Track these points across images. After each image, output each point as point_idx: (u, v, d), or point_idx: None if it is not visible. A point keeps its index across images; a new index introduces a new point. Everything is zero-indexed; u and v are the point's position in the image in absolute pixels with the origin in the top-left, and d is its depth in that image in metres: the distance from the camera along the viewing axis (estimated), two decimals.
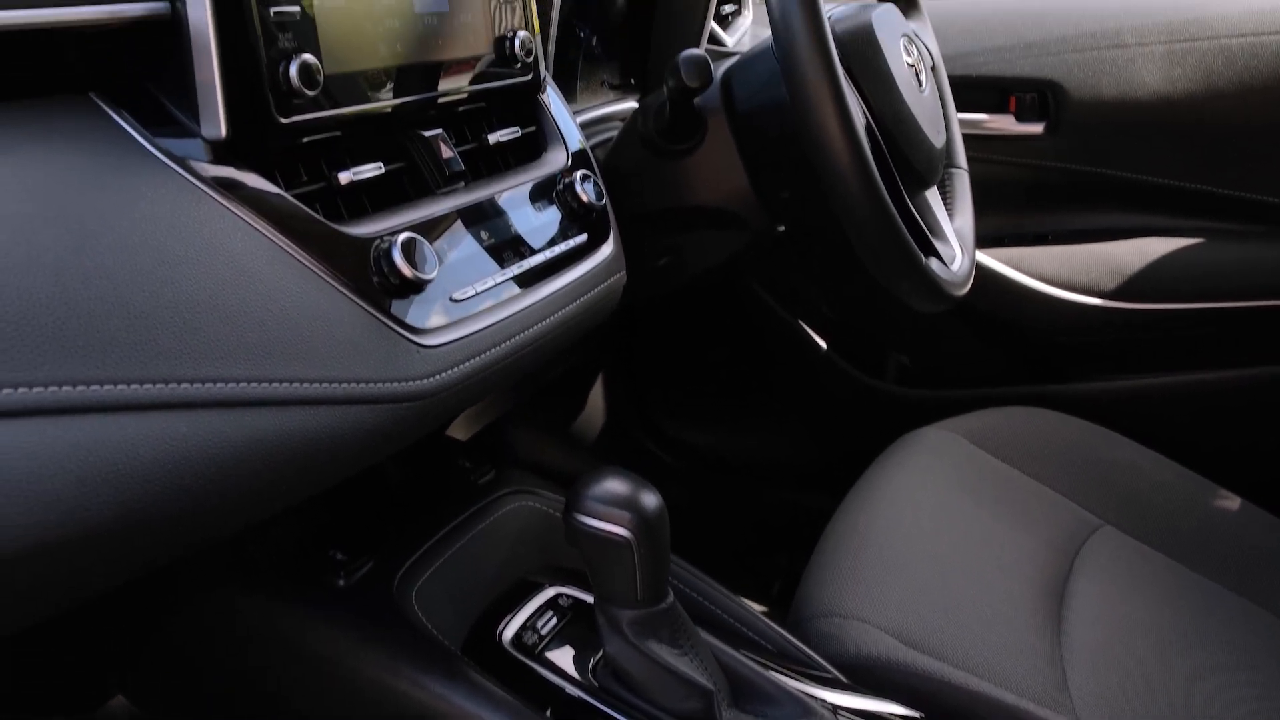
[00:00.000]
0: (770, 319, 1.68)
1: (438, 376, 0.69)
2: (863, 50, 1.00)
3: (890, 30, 1.05)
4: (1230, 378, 1.51)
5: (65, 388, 0.49)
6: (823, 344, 1.67)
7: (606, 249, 0.91)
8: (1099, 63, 1.49)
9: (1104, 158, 1.53)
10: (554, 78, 1.01)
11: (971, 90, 1.53)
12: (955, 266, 1.07)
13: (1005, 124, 1.56)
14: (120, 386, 0.51)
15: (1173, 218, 1.55)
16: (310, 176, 0.69)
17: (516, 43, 0.85)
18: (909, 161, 1.03)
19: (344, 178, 0.70)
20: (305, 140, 0.67)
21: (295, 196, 0.65)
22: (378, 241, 0.68)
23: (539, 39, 0.90)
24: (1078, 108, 1.51)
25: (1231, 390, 1.51)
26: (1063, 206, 1.60)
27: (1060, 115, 1.52)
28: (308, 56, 0.64)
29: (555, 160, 0.91)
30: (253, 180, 0.63)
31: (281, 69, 0.64)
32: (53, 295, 0.50)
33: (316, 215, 0.66)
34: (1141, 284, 1.53)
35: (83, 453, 0.49)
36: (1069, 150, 1.54)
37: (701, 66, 0.99)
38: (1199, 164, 1.51)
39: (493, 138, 0.86)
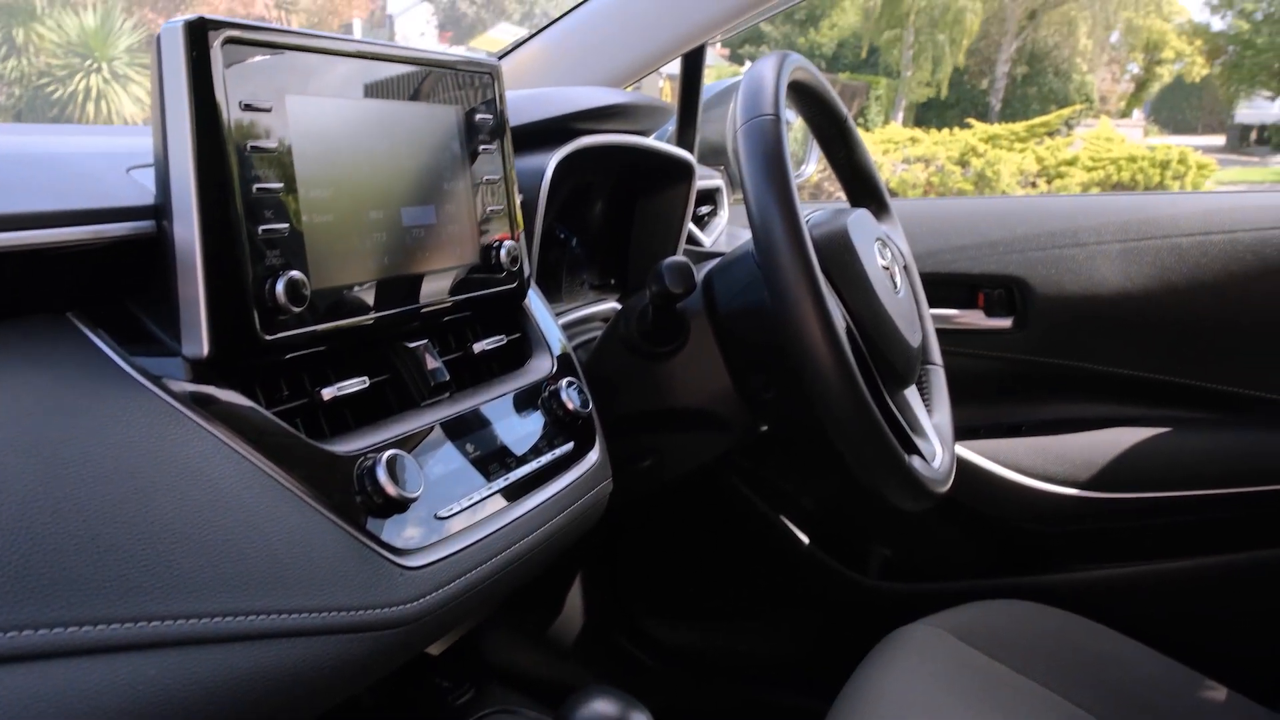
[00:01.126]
0: (752, 515, 1.65)
1: (422, 600, 0.65)
2: (840, 255, 1.02)
3: (865, 234, 1.07)
4: (1209, 565, 1.51)
5: (26, 632, 0.45)
6: (805, 539, 1.65)
7: (592, 456, 0.89)
8: (1060, 260, 1.54)
9: (1071, 350, 1.57)
10: (536, 280, 1.02)
11: (942, 287, 1.57)
12: (936, 463, 1.06)
13: (975, 319, 1.59)
14: (85, 629, 0.48)
15: (1141, 407, 1.57)
16: (292, 392, 0.68)
17: (503, 251, 0.86)
18: (888, 361, 1.03)
19: (327, 393, 0.68)
20: (289, 356, 0.66)
21: (276, 414, 0.63)
22: (361, 459, 0.65)
23: (524, 246, 0.91)
24: (1043, 303, 1.55)
25: (1211, 577, 1.50)
26: (1035, 398, 1.62)
27: (1027, 310, 1.56)
28: (295, 273, 0.64)
29: (540, 367, 0.90)
30: (232, 398, 0.61)
31: (268, 286, 0.63)
32: (17, 531, 0.47)
33: (298, 433, 0.63)
34: (1116, 473, 1.53)
35: (41, 704, 0.45)
36: (1037, 343, 1.57)
37: (685, 273, 1.00)
38: (1161, 355, 1.55)
39: (478, 347, 0.85)
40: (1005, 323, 1.58)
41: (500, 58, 1.58)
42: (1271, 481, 1.49)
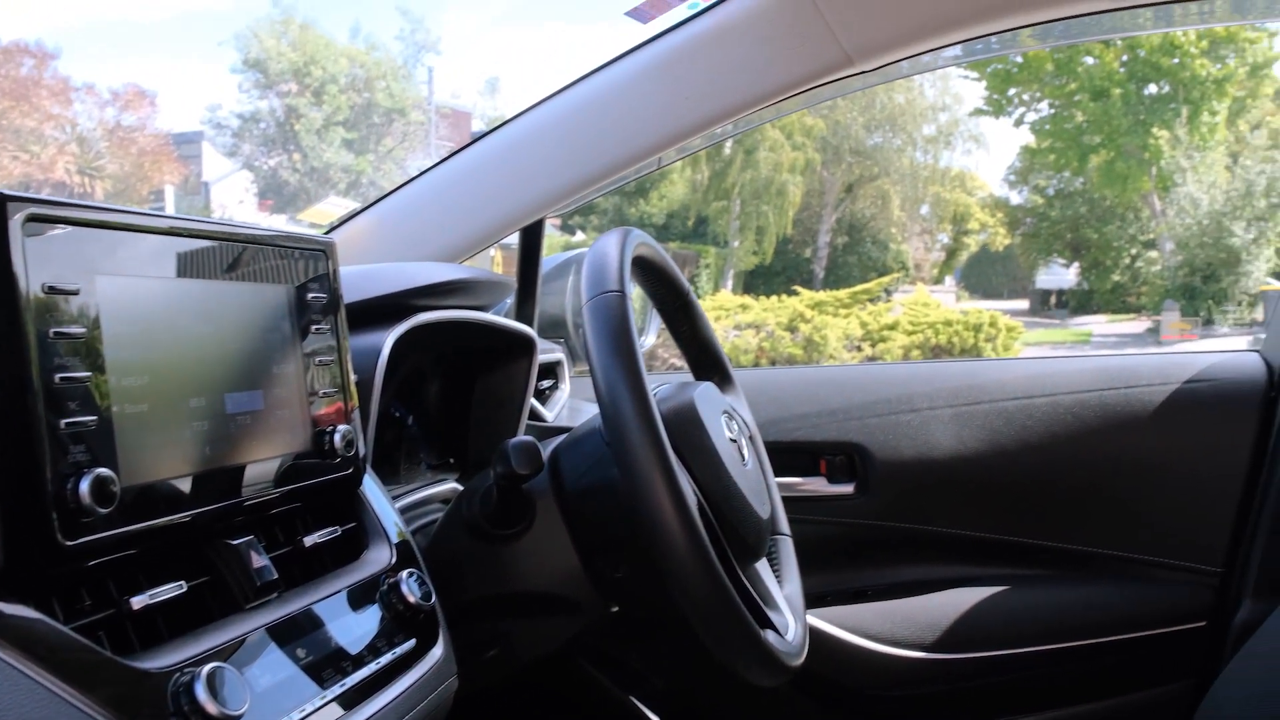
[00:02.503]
0: (603, 698, 1.60)
1: None
2: (688, 429, 1.02)
3: (711, 407, 1.08)
4: (1056, 718, 1.55)
5: None
6: None
7: (436, 652, 0.84)
8: (897, 425, 1.61)
9: (911, 513, 1.62)
10: (371, 463, 0.98)
11: (785, 455, 1.60)
12: (790, 636, 1.05)
13: (818, 486, 1.63)
14: None
15: (980, 566, 1.63)
16: (96, 602, 0.61)
17: (337, 436, 0.82)
18: (739, 535, 1.03)
19: (137, 602, 0.62)
20: (94, 563, 0.60)
21: (76, 629, 0.57)
22: (177, 675, 0.59)
23: (359, 429, 0.88)
24: (882, 467, 1.60)
25: None
26: (879, 562, 1.66)
27: (868, 475, 1.61)
28: (103, 470, 0.59)
29: (378, 558, 0.85)
30: (22, 614, 0.55)
31: (70, 486, 0.57)
32: None
33: (102, 650, 0.57)
34: (960, 634, 1.57)
35: None
36: (879, 508, 1.62)
37: (532, 454, 0.98)
38: (995, 515, 1.63)
39: (309, 540, 0.80)
40: (847, 488, 1.62)
41: (329, 231, 1.57)
42: (1109, 633, 1.55)
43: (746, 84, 1.36)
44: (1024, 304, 24.22)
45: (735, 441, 1.10)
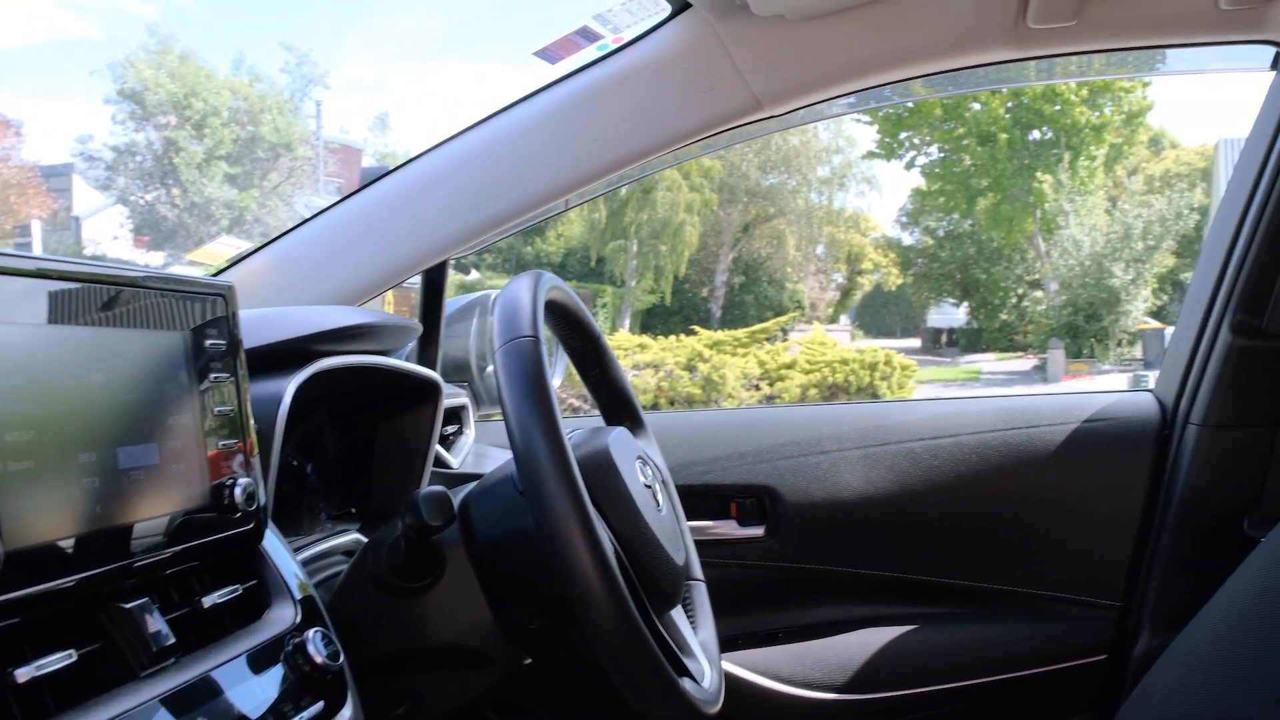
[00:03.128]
0: None
1: None
2: (603, 476, 1.02)
3: (626, 453, 1.08)
4: None
5: None
6: None
7: (345, 714, 0.81)
8: (806, 467, 1.63)
9: (821, 554, 1.64)
10: (270, 516, 0.94)
11: (696, 498, 1.61)
12: (707, 683, 1.05)
13: (729, 529, 1.64)
14: None
15: (890, 606, 1.66)
16: None
17: (237, 490, 0.79)
18: (655, 582, 1.03)
19: (22, 674, 0.58)
20: None
21: None
22: None
23: (260, 481, 0.84)
24: (793, 509, 1.62)
25: None
26: (790, 603, 1.67)
27: (778, 517, 1.63)
28: None
29: (281, 617, 0.82)
30: None
31: None
32: None
33: None
34: (871, 673, 1.59)
35: None
36: (789, 550, 1.63)
37: (443, 504, 0.96)
38: (904, 554, 1.66)
39: (207, 600, 0.76)
40: (758, 531, 1.63)
41: (220, 271, 1.52)
42: (1015, 669, 1.59)
43: (658, 126, 1.38)
44: (916, 342, 24.92)
45: (650, 487, 1.10)
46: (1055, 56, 1.41)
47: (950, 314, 25.15)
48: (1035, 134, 20.77)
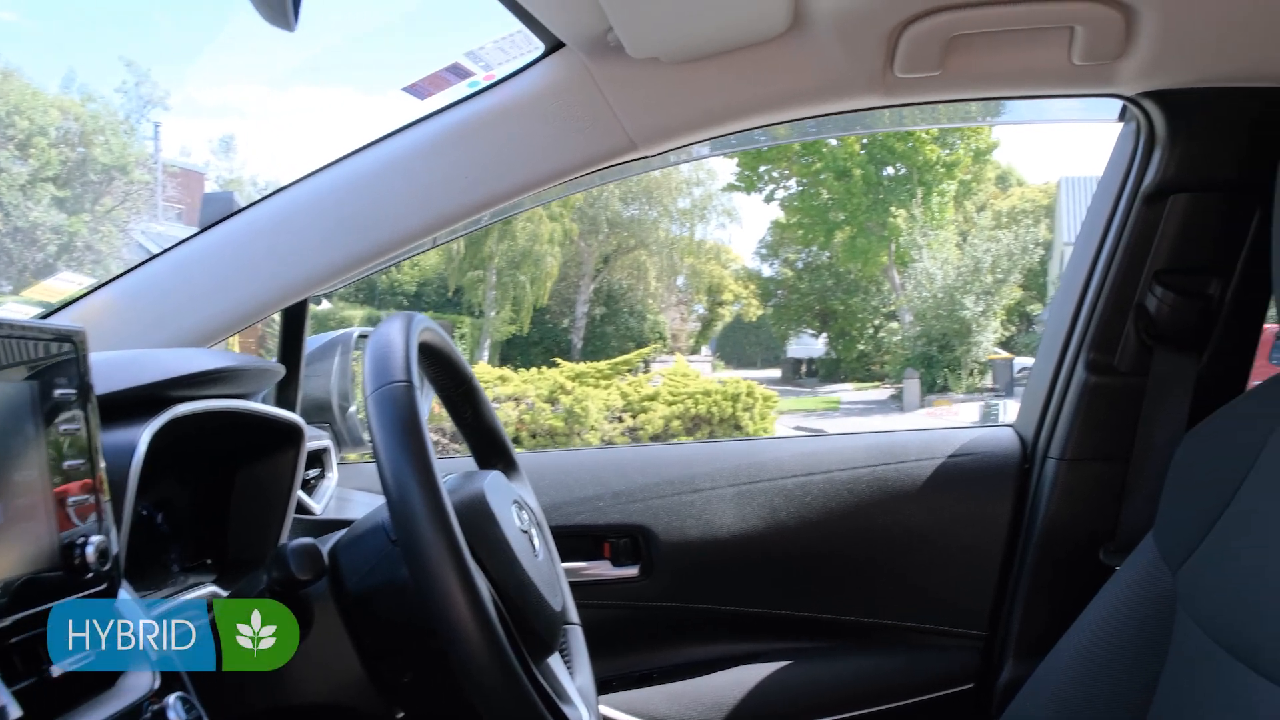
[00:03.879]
0: None
1: None
2: (480, 522, 1.01)
3: (501, 498, 1.07)
4: None
5: None
6: None
7: None
8: (681, 506, 1.65)
9: (696, 593, 1.66)
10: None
11: (569, 539, 1.60)
12: None
13: (603, 569, 1.65)
14: None
15: (765, 642, 1.68)
16: None
17: (89, 549, 0.75)
18: (533, 630, 1.02)
19: None
20: None
21: None
22: None
23: (114, 536, 0.81)
24: (667, 549, 1.63)
25: None
26: (665, 643, 1.68)
27: (652, 557, 1.64)
28: None
29: (138, 683, 0.78)
30: None
31: None
32: None
33: None
34: (746, 710, 1.61)
35: None
36: (664, 589, 1.64)
37: (313, 558, 0.94)
38: (778, 591, 1.69)
39: (56, 668, 0.72)
40: (632, 571, 1.64)
41: (57, 309, 1.45)
42: (887, 700, 1.64)
43: (529, 164, 1.38)
44: (776, 373, 25.48)
45: (526, 532, 1.09)
46: (920, 104, 1.48)
47: (809, 344, 25.85)
48: (889, 170, 21.66)
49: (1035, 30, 1.31)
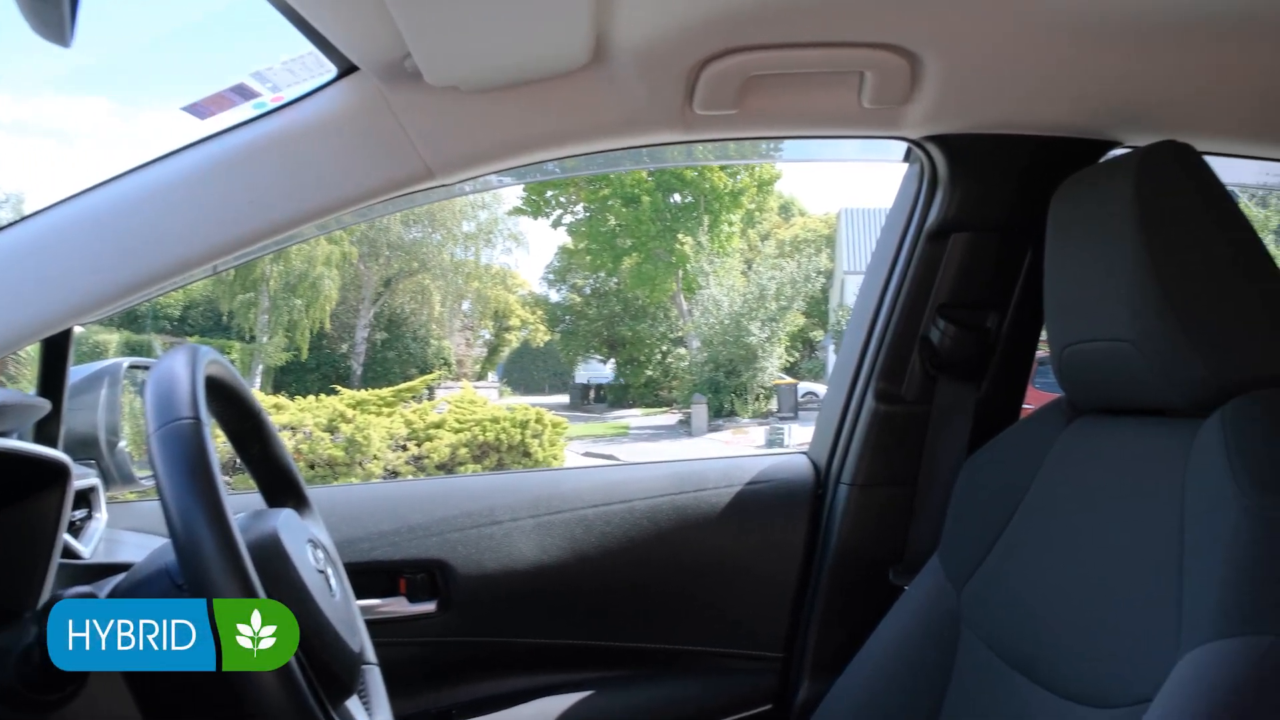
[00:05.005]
0: None
1: None
2: (274, 564, 0.99)
3: (295, 536, 1.05)
4: None
5: None
6: None
7: None
8: (480, 539, 1.65)
9: (496, 627, 1.66)
10: None
11: (363, 576, 1.58)
12: None
13: (399, 606, 1.62)
14: None
15: (568, 673, 1.71)
16: None
17: None
18: (332, 672, 1.01)
19: None
20: None
21: None
22: None
23: None
24: (466, 582, 1.63)
25: None
26: (465, 678, 1.68)
27: (450, 591, 1.64)
28: None
29: None
30: None
31: None
32: None
33: None
34: None
35: None
36: (463, 624, 1.64)
37: None
38: (580, 621, 1.71)
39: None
40: (429, 606, 1.63)
41: None
42: None
43: (321, 190, 1.34)
44: (565, 398, 25.63)
45: (322, 572, 1.08)
46: (718, 140, 1.55)
47: (598, 370, 26.13)
48: (676, 197, 22.23)
49: (828, 74, 1.39)
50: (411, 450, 10.89)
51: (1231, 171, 1.67)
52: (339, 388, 12.48)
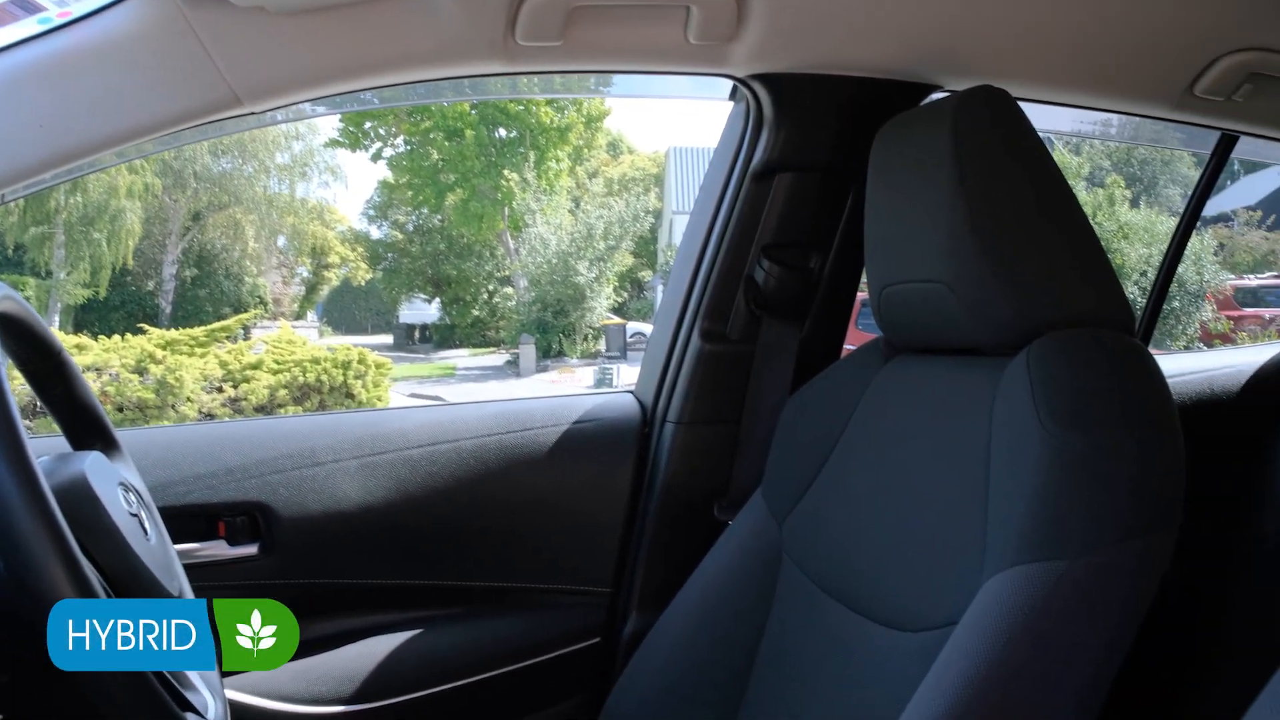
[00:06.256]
0: None
1: None
2: (83, 508, 0.96)
3: (105, 480, 1.02)
4: None
5: None
6: None
7: None
8: (302, 481, 1.63)
9: (321, 568, 1.65)
10: None
11: (179, 520, 1.53)
12: (211, 715, 1.04)
13: (219, 549, 1.59)
14: None
15: (397, 613, 1.71)
16: None
17: None
18: None
19: None
20: None
21: None
22: None
23: None
24: (288, 525, 1.61)
25: None
26: None
27: (272, 534, 1.61)
28: None
29: None
30: None
31: None
32: None
33: None
34: (378, 682, 1.64)
35: None
36: (286, 567, 1.63)
37: None
38: (407, 561, 1.72)
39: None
40: (251, 550, 1.61)
41: None
42: (519, 660, 1.73)
43: (118, 116, 1.26)
44: (389, 339, 25.14)
45: (135, 515, 1.05)
46: (544, 73, 1.54)
47: (422, 310, 25.71)
48: (502, 132, 21.89)
49: (653, 7, 1.40)
50: (228, 392, 10.53)
51: (1046, 118, 1.77)
52: (147, 327, 11.89)
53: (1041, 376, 1.12)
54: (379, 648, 1.66)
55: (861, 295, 1.76)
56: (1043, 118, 1.68)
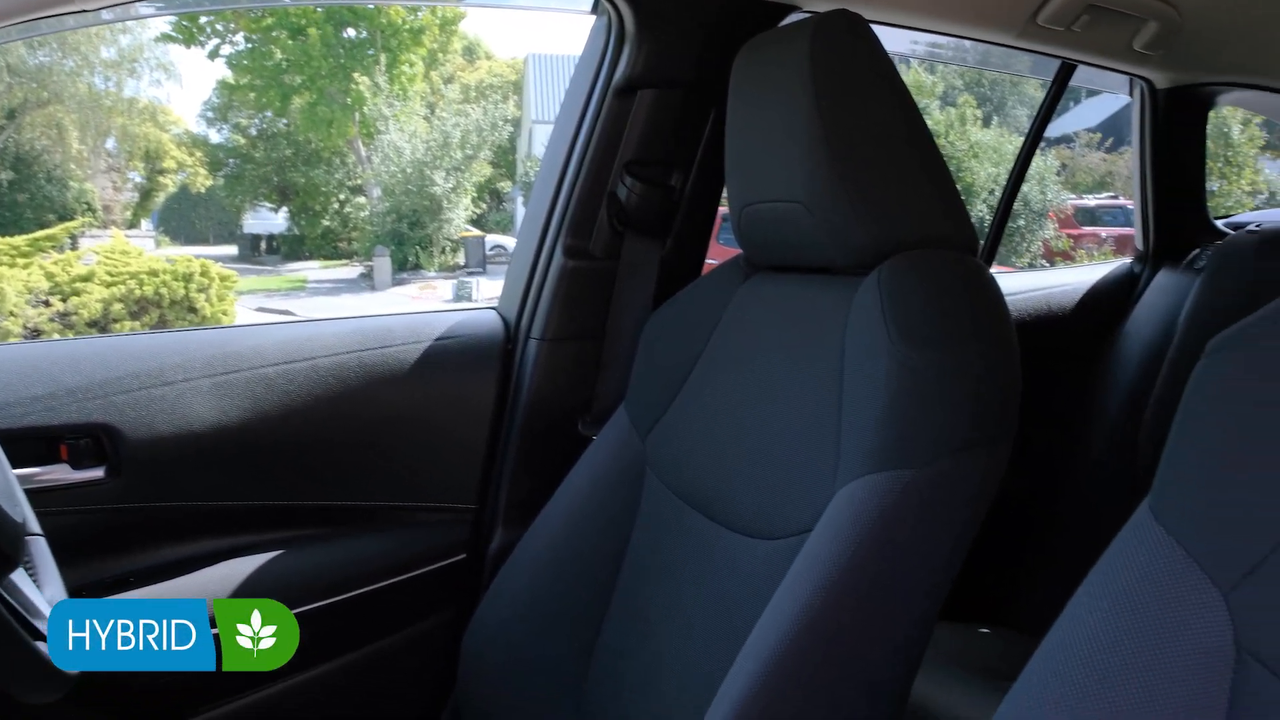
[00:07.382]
0: None
1: None
2: None
3: None
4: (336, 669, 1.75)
5: None
6: None
7: None
8: (150, 401, 1.60)
9: (173, 491, 1.63)
10: None
11: (17, 444, 1.49)
12: None
13: (62, 474, 1.56)
14: None
15: (255, 534, 1.71)
16: None
17: None
18: None
19: None
20: None
21: None
22: None
23: None
24: (137, 447, 1.58)
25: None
26: (142, 545, 1.65)
27: (119, 457, 1.58)
28: None
29: None
30: None
31: None
32: None
33: None
34: None
35: None
36: (136, 490, 1.60)
37: None
38: (264, 482, 1.72)
39: None
40: (97, 473, 1.58)
41: None
42: (383, 579, 1.76)
43: None
44: (233, 250, 24.27)
45: None
46: None
47: (269, 219, 24.84)
48: (351, 32, 21.11)
49: None
50: (56, 306, 10.06)
51: (900, 42, 1.84)
52: None
53: (891, 295, 1.19)
54: (238, 570, 1.66)
55: (723, 210, 1.81)
56: (896, 42, 1.76)
